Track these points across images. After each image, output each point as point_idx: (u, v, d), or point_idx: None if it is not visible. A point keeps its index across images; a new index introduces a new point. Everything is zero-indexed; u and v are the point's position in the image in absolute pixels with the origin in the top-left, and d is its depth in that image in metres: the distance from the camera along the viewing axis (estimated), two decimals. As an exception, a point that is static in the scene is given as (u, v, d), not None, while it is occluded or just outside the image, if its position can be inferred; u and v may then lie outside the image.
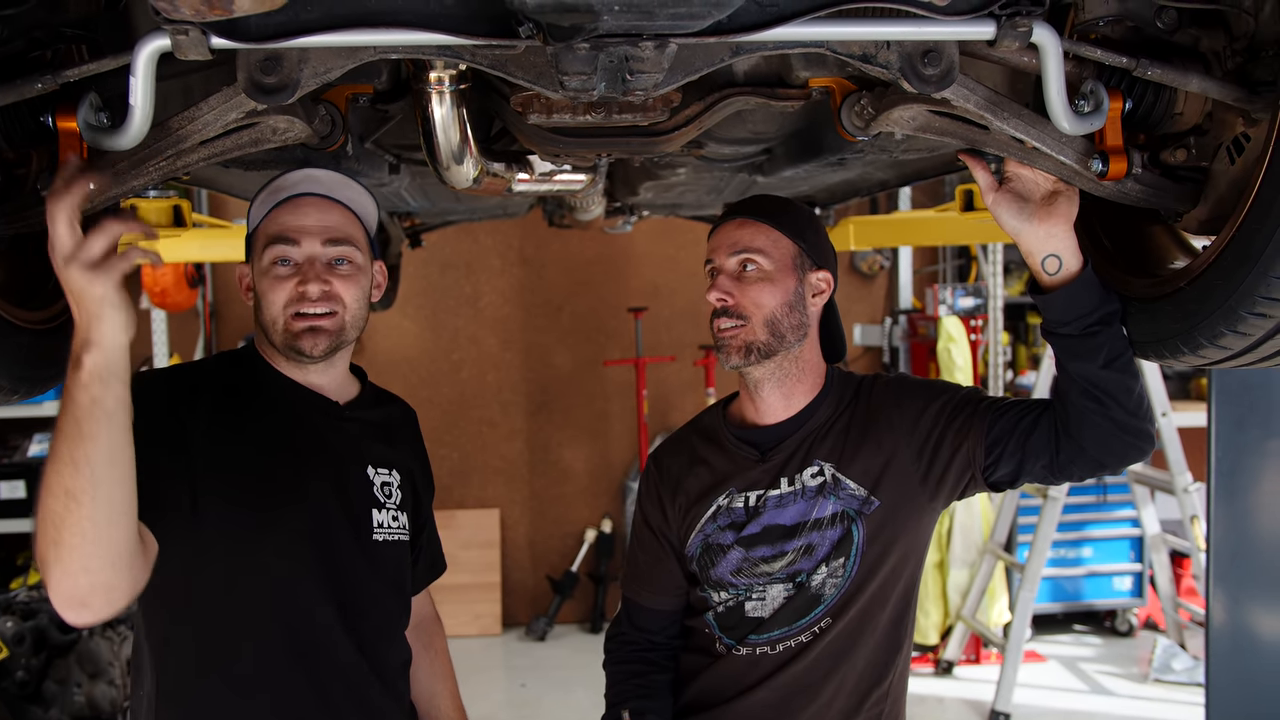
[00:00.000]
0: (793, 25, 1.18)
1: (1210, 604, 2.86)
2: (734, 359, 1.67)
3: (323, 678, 1.56)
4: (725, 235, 1.72)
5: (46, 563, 1.26)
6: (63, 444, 1.23)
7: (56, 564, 1.26)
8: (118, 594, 1.31)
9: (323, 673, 1.56)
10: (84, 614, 1.30)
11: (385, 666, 1.65)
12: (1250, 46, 1.36)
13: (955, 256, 6.16)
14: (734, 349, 1.67)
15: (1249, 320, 1.29)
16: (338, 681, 1.57)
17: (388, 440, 1.74)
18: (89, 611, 1.30)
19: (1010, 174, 1.52)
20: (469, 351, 6.19)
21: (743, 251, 1.69)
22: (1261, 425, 2.84)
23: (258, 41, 1.15)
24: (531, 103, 1.63)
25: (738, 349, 1.67)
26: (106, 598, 1.30)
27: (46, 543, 1.25)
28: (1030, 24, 1.22)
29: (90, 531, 1.25)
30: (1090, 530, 5.55)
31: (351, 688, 1.59)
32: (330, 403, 1.65)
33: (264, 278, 1.59)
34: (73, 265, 1.19)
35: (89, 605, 1.30)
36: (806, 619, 1.66)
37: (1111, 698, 4.98)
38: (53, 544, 1.25)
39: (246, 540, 1.52)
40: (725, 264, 1.69)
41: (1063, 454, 1.56)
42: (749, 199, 1.80)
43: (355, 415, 1.68)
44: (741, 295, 1.66)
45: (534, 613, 6.12)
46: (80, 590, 1.27)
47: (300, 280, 1.57)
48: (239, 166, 1.75)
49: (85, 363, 1.22)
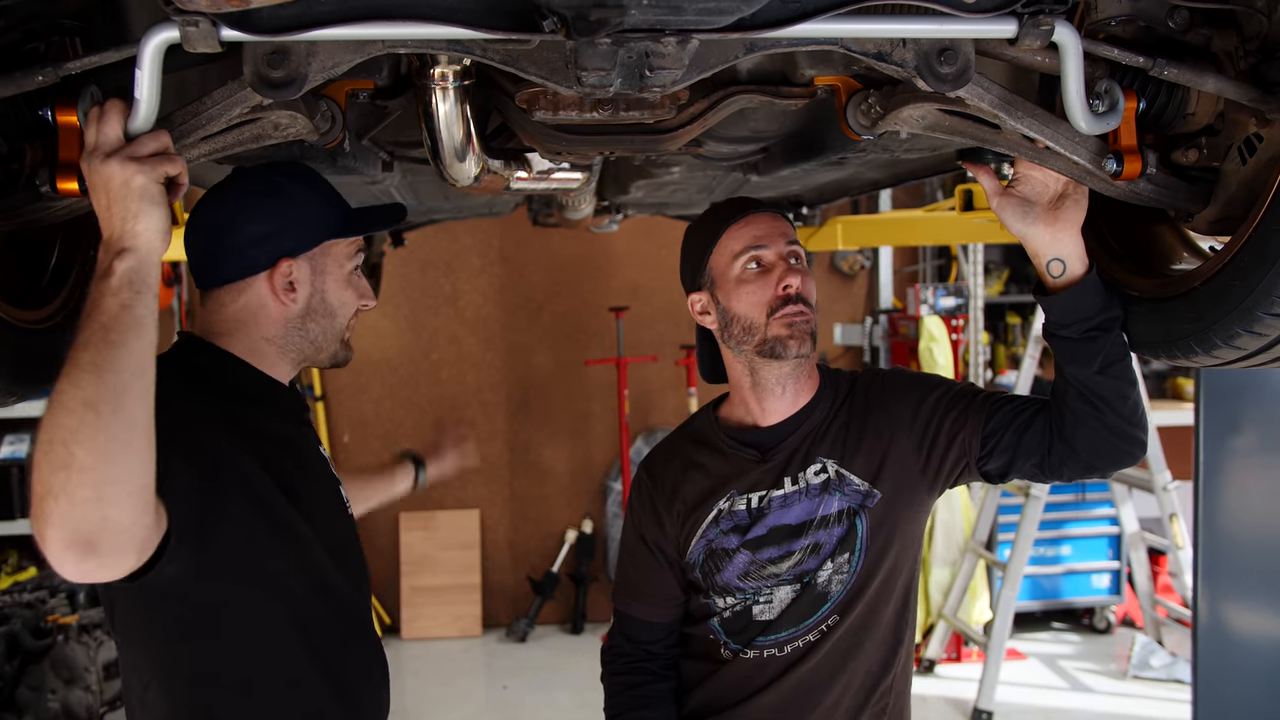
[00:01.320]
0: (814, 22, 1.17)
1: (1197, 602, 2.88)
2: (805, 346, 1.65)
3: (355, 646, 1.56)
4: (767, 226, 1.69)
5: (50, 493, 1.08)
6: (84, 352, 1.11)
7: (64, 491, 1.08)
8: (128, 541, 1.14)
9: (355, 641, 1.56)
10: (88, 559, 1.11)
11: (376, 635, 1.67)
12: (1263, 47, 1.36)
13: (935, 256, 6.19)
14: (806, 335, 1.65)
15: (1265, 320, 1.28)
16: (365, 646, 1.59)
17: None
18: (94, 558, 1.11)
19: (1019, 175, 1.51)
20: (449, 352, 6.15)
21: (794, 243, 1.69)
22: (1248, 425, 2.86)
23: (270, 34, 1.12)
24: (537, 99, 1.61)
25: (809, 335, 1.65)
26: (115, 542, 1.12)
27: (53, 467, 1.08)
28: (1053, 23, 1.21)
29: (108, 449, 1.09)
30: (1069, 529, 5.60)
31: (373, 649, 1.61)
32: (299, 397, 1.64)
33: (347, 289, 1.57)
34: (116, 157, 1.15)
35: (96, 548, 1.10)
36: (814, 618, 1.64)
37: (1091, 694, 5.02)
38: (61, 466, 1.07)
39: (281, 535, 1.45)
40: (782, 251, 1.67)
41: (1054, 454, 1.56)
42: (746, 199, 1.77)
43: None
44: (803, 284, 1.66)
45: (515, 614, 6.09)
46: (90, 526, 1.09)
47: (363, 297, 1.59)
48: (232, 162, 1.71)
49: (117, 269, 1.14)
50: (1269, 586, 2.87)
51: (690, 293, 1.77)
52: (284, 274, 1.49)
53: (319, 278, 1.52)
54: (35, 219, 1.34)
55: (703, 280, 1.73)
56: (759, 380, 1.70)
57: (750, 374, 1.71)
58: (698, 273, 1.74)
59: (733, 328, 1.69)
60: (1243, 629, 2.90)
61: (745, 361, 1.71)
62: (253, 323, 1.52)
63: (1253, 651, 2.88)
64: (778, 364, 1.67)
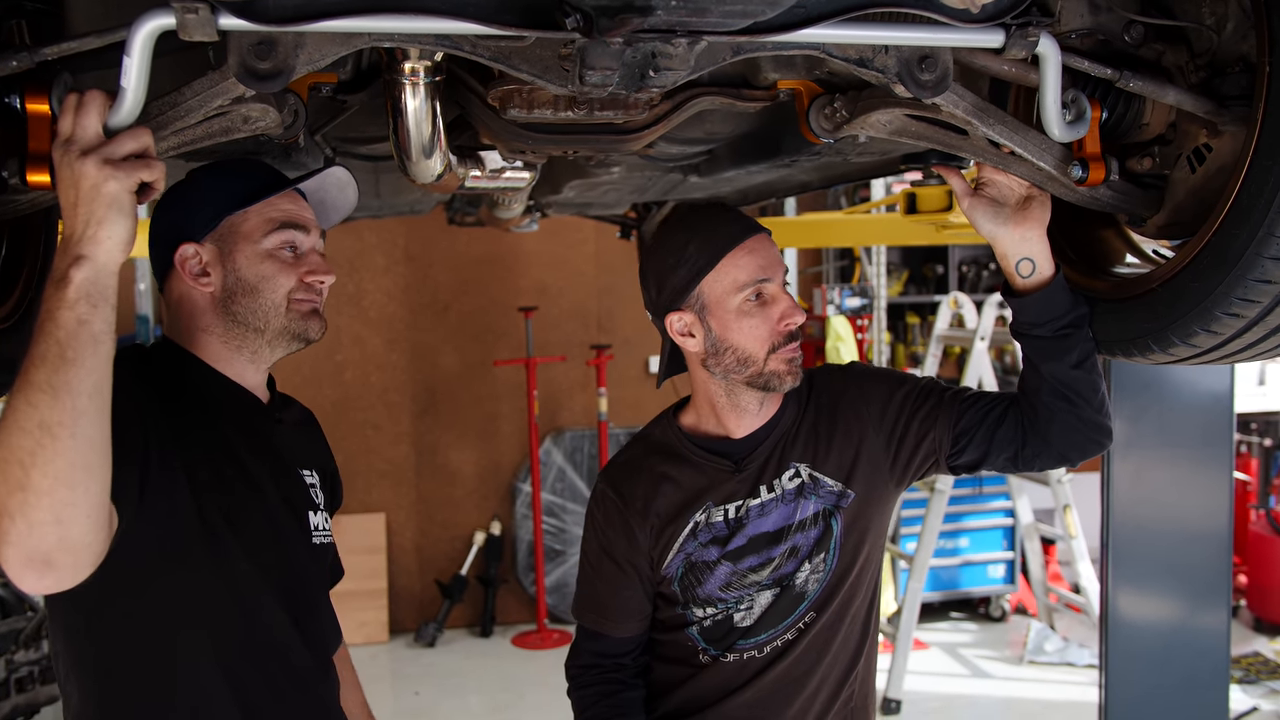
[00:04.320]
0: (819, 27, 1.19)
1: (1107, 589, 3.03)
2: (798, 381, 1.63)
3: (280, 682, 1.48)
4: (768, 254, 1.63)
5: (7, 513, 1.08)
6: (38, 370, 1.08)
7: (21, 514, 1.07)
8: (86, 557, 1.14)
9: (281, 677, 1.49)
10: (46, 577, 1.12)
11: (329, 666, 1.60)
12: (1212, 63, 1.44)
13: (838, 258, 6.35)
14: (800, 371, 1.63)
15: (1223, 320, 1.36)
16: (295, 685, 1.51)
17: (306, 440, 1.69)
18: (52, 574, 1.12)
19: (985, 179, 1.56)
20: (352, 352, 6.01)
21: (785, 271, 1.66)
22: (1152, 418, 3.02)
23: (275, 24, 1.08)
24: (511, 97, 1.59)
25: (801, 370, 1.64)
26: (74, 559, 1.13)
27: (9, 488, 1.07)
28: (1039, 34, 1.26)
29: (66, 474, 1.08)
30: (967, 521, 5.81)
31: (307, 689, 1.53)
32: (261, 403, 1.57)
33: (265, 261, 1.47)
34: (92, 156, 1.10)
35: (54, 566, 1.11)
36: (791, 617, 1.66)
37: (991, 680, 5.22)
38: (17, 488, 1.07)
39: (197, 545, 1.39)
40: (781, 283, 1.64)
41: (1029, 448, 1.61)
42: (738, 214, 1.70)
43: (280, 415, 1.62)
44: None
45: (422, 618, 5.99)
46: (47, 546, 1.09)
47: (310, 270, 1.51)
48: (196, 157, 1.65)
49: (74, 278, 1.10)
50: (1172, 572, 3.04)
51: (668, 311, 1.65)
52: (188, 258, 1.47)
53: (229, 257, 1.47)
54: None
55: (688, 301, 1.63)
56: (737, 401, 1.67)
57: (728, 395, 1.67)
58: (683, 293, 1.63)
59: (724, 357, 1.62)
60: (1148, 614, 3.06)
61: (725, 385, 1.66)
62: (188, 316, 1.49)
63: (1158, 634, 3.04)
64: (764, 392, 1.65)
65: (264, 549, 1.46)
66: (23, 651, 4.14)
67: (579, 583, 1.82)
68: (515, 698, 5.20)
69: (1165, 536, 3.03)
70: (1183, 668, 2.99)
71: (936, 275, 6.56)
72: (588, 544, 1.78)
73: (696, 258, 1.62)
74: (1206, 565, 3.02)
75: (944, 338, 5.27)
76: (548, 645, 5.78)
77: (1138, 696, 2.98)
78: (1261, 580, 5.83)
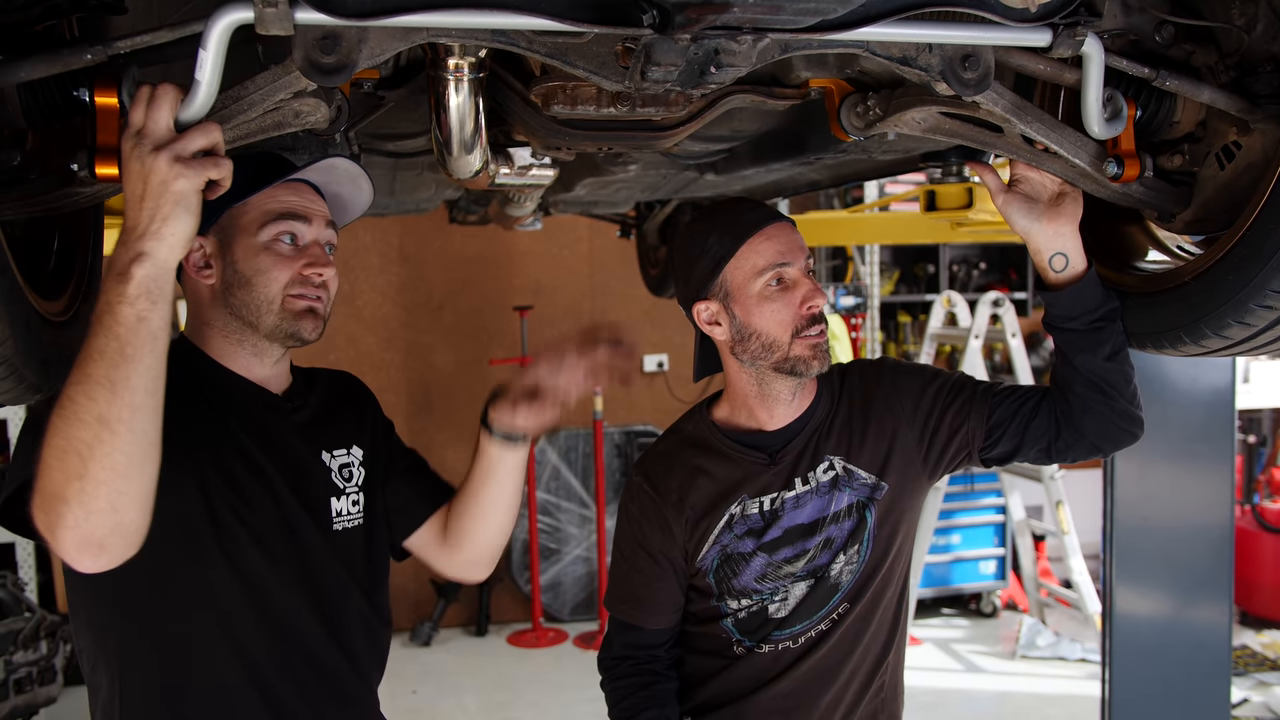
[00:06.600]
0: (877, 25, 1.22)
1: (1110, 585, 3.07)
2: (824, 365, 1.64)
3: (301, 675, 1.50)
4: (789, 240, 1.65)
5: (65, 499, 1.13)
6: (98, 365, 1.11)
7: (78, 501, 1.13)
8: (136, 539, 1.20)
9: (300, 670, 1.50)
10: (100, 559, 1.18)
11: (358, 658, 1.59)
12: (1242, 62, 1.48)
13: (831, 257, 6.39)
14: (826, 355, 1.65)
15: (1256, 312, 1.40)
16: (316, 677, 1.52)
17: (335, 418, 1.67)
18: (105, 556, 1.18)
19: (1019, 176, 1.60)
20: (346, 352, 5.99)
21: (809, 257, 1.68)
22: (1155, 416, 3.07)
23: (354, 18, 1.10)
24: (555, 94, 1.61)
25: (827, 354, 1.65)
26: (125, 542, 1.18)
27: (68, 476, 1.12)
28: (1086, 34, 1.29)
29: (123, 466, 1.13)
30: (959, 518, 5.87)
31: (329, 682, 1.53)
32: (273, 396, 1.57)
33: (261, 254, 1.46)
34: (164, 152, 1.11)
35: (106, 549, 1.17)
36: (825, 608, 1.68)
37: (984, 675, 5.28)
38: (75, 477, 1.12)
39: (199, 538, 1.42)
40: (803, 268, 1.65)
41: (1062, 439, 1.65)
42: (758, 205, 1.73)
43: (298, 403, 1.61)
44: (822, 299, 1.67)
45: (417, 618, 5.98)
46: (102, 532, 1.15)
47: (309, 263, 1.48)
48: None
49: (135, 274, 1.12)
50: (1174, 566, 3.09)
51: (695, 301, 1.69)
52: (192, 251, 1.45)
53: (228, 249, 1.46)
54: (59, 205, 1.27)
55: (713, 290, 1.66)
56: (768, 391, 1.69)
57: (759, 385, 1.69)
58: (707, 281, 1.66)
59: (750, 343, 1.65)
60: (1150, 607, 3.11)
61: (755, 374, 1.68)
62: (196, 310, 1.51)
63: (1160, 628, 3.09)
64: (793, 379, 1.67)
65: (273, 539, 1.47)
66: (22, 652, 4.12)
67: (611, 575, 1.83)
68: (511, 696, 5.20)
69: (1167, 531, 3.08)
70: (1185, 660, 3.04)
71: (928, 275, 6.63)
72: (621, 536, 1.80)
73: (718, 247, 1.65)
74: (1208, 559, 3.07)
75: (938, 336, 5.33)
76: (543, 644, 5.80)
77: (1141, 689, 3.03)
78: (1247, 575, 5.91)
